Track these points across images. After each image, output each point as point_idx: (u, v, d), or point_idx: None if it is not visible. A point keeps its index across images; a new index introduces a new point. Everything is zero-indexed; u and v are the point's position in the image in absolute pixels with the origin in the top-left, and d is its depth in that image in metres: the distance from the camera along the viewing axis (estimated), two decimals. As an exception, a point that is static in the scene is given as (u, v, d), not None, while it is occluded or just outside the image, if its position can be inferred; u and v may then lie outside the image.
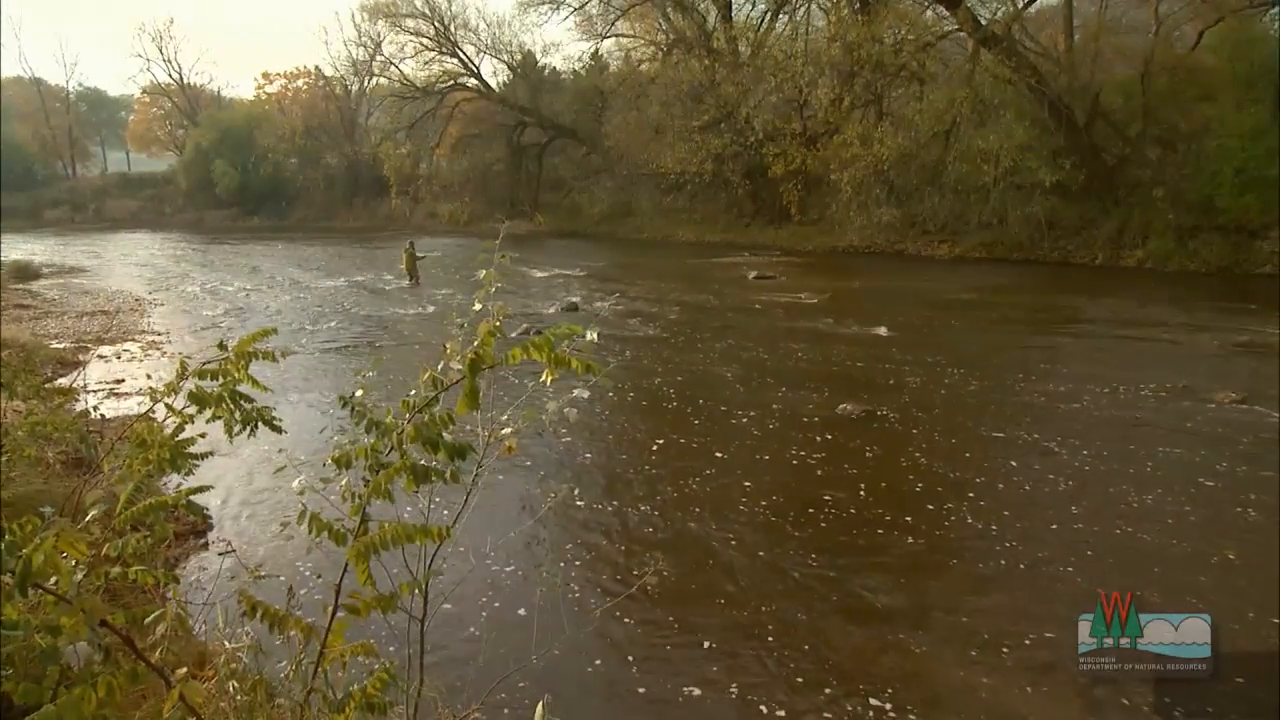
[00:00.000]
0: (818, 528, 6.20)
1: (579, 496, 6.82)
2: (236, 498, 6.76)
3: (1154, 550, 5.68)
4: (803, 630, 4.75)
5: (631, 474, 7.42)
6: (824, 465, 7.51)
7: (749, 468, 7.50)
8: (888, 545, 5.89)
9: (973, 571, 5.51)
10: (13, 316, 16.31)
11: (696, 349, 12.65)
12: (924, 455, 7.72)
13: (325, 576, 4.36)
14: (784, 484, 7.08)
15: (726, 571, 5.49)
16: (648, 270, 23.60)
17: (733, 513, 6.48)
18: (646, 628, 4.76)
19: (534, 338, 1.97)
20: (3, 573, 1.51)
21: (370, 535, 1.86)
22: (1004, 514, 6.40)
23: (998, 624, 4.74)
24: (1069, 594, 4.99)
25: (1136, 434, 8.18)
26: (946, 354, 11.97)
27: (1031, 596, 5.11)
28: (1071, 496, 6.70)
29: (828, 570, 5.48)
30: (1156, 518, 6.23)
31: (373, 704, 1.87)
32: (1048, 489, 6.90)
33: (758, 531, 6.12)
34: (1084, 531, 6.01)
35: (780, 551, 5.78)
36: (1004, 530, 6.11)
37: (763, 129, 30.20)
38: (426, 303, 17.87)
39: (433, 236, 34.27)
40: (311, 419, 9.04)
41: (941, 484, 7.06)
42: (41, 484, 5.04)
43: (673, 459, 7.74)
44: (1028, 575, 5.40)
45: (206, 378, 2.74)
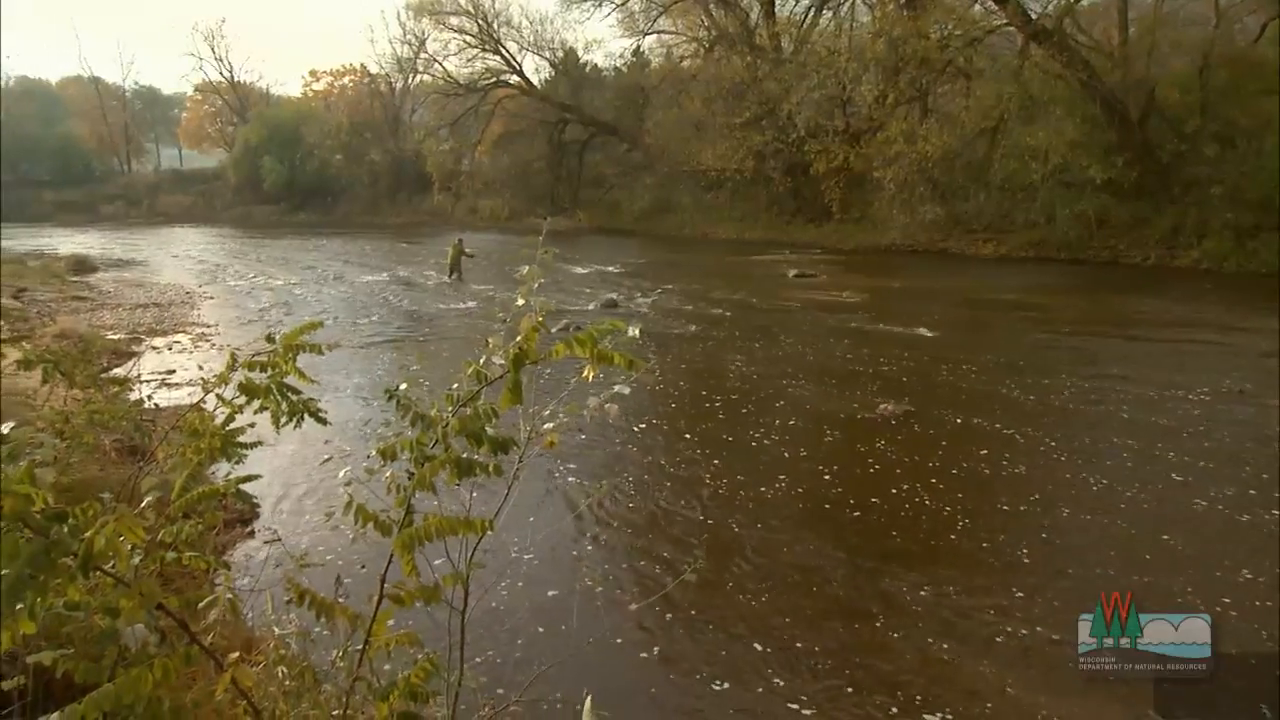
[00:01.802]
0: (857, 529, 6.14)
1: (618, 492, 6.83)
2: (280, 487, 6.90)
3: (1206, 559, 5.52)
4: (839, 632, 4.70)
5: (670, 471, 7.41)
6: (863, 465, 7.43)
7: (788, 467, 7.45)
8: (928, 548, 5.81)
9: (1013, 578, 5.41)
10: (71, 308, 16.84)
11: (735, 347, 12.60)
12: (965, 456, 7.60)
13: (369, 567, 4.46)
14: (823, 484, 7.02)
15: (764, 571, 5.46)
16: (687, 267, 23.56)
17: (770, 512, 6.45)
18: (685, 625, 4.76)
19: (577, 333, 1.99)
20: (65, 555, 1.56)
21: (415, 527, 1.89)
22: (1047, 519, 6.27)
23: (1041, 631, 4.65)
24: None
25: (1187, 439, 7.95)
26: (990, 354, 11.76)
27: (1074, 602, 5.00)
28: (1116, 501, 6.54)
29: (866, 572, 5.42)
30: (1209, 525, 6.06)
31: (416, 693, 1.90)
32: (1093, 493, 6.74)
33: (796, 531, 6.08)
34: (1130, 538, 5.86)
35: (819, 552, 5.74)
36: (1048, 536, 5.99)
37: (805, 126, 29.94)
38: (467, 298, 18.05)
39: (473, 232, 34.53)
40: (354, 411, 9.19)
41: (982, 486, 6.94)
42: (98, 470, 5.21)
43: (711, 457, 7.72)
44: (1072, 581, 5.29)
45: (255, 369, 2.81)
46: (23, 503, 1.55)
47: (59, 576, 1.58)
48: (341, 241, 33.77)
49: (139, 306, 17.57)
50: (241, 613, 1.85)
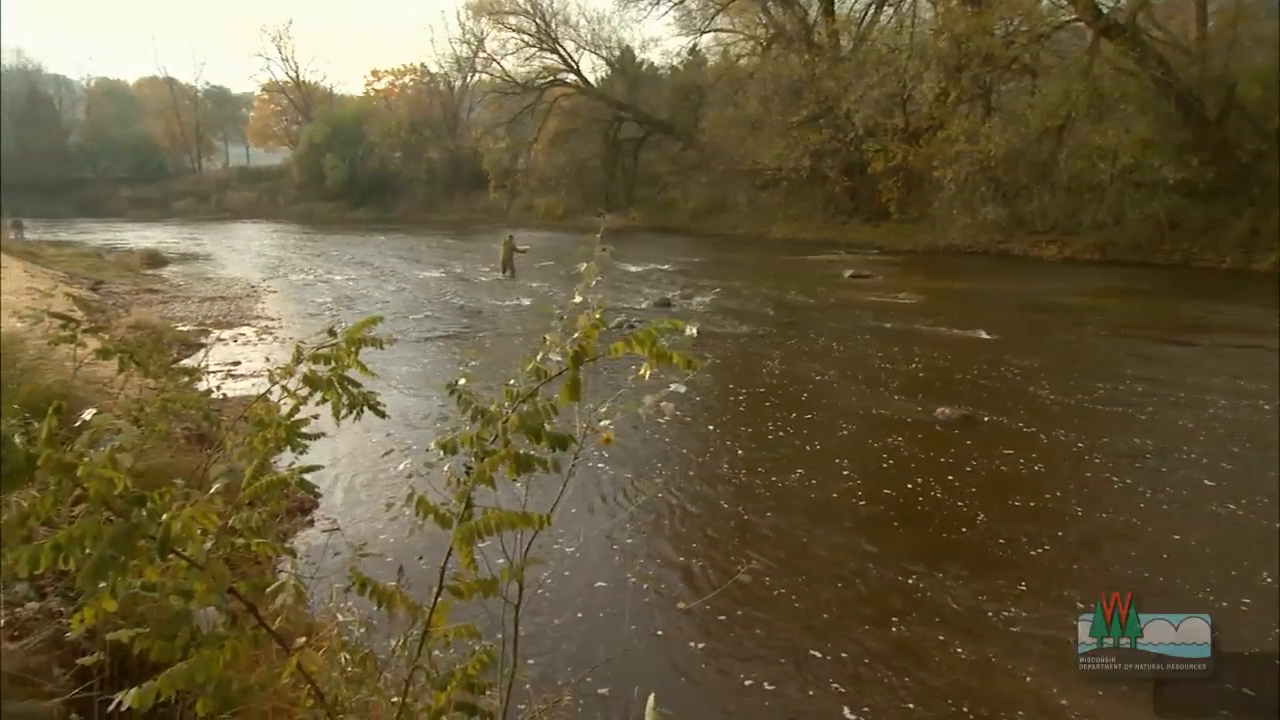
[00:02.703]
0: (911, 533, 6.04)
1: (671, 490, 6.83)
2: (339, 478, 7.07)
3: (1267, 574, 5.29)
4: (892, 638, 4.63)
5: (724, 471, 7.38)
6: (918, 470, 7.30)
7: (841, 469, 7.36)
8: (985, 554, 5.68)
9: (1072, 590, 5.25)
10: (144, 301, 17.52)
11: (789, 348, 12.49)
12: (1022, 463, 7.41)
13: (426, 558, 4.53)
14: (877, 487, 6.92)
15: (817, 573, 5.40)
16: (741, 267, 23.43)
17: (824, 514, 6.38)
18: (735, 625, 4.74)
19: (636, 331, 1.99)
20: (145, 537, 1.62)
21: (475, 520, 1.92)
22: (1110, 531, 6.08)
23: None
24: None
25: (1254, 450, 7.63)
26: (1051, 359, 11.45)
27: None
28: (1177, 514, 6.31)
29: (919, 577, 5.32)
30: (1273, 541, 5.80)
31: (473, 684, 1.93)
32: (1153, 504, 6.51)
33: (850, 534, 6.01)
34: (1189, 551, 5.64)
35: (873, 556, 5.65)
36: (1110, 548, 5.81)
37: (863, 124, 29.51)
38: (521, 295, 18.23)
39: (528, 230, 34.93)
40: (410, 405, 9.37)
41: (1040, 494, 6.75)
42: (169, 457, 5.40)
43: (765, 458, 7.66)
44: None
45: (319, 362, 2.88)
46: (106, 486, 1.62)
47: (138, 558, 1.64)
48: (399, 238, 34.43)
49: (206, 300, 18.18)
50: (306, 599, 1.90)
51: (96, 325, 10.43)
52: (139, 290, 19.21)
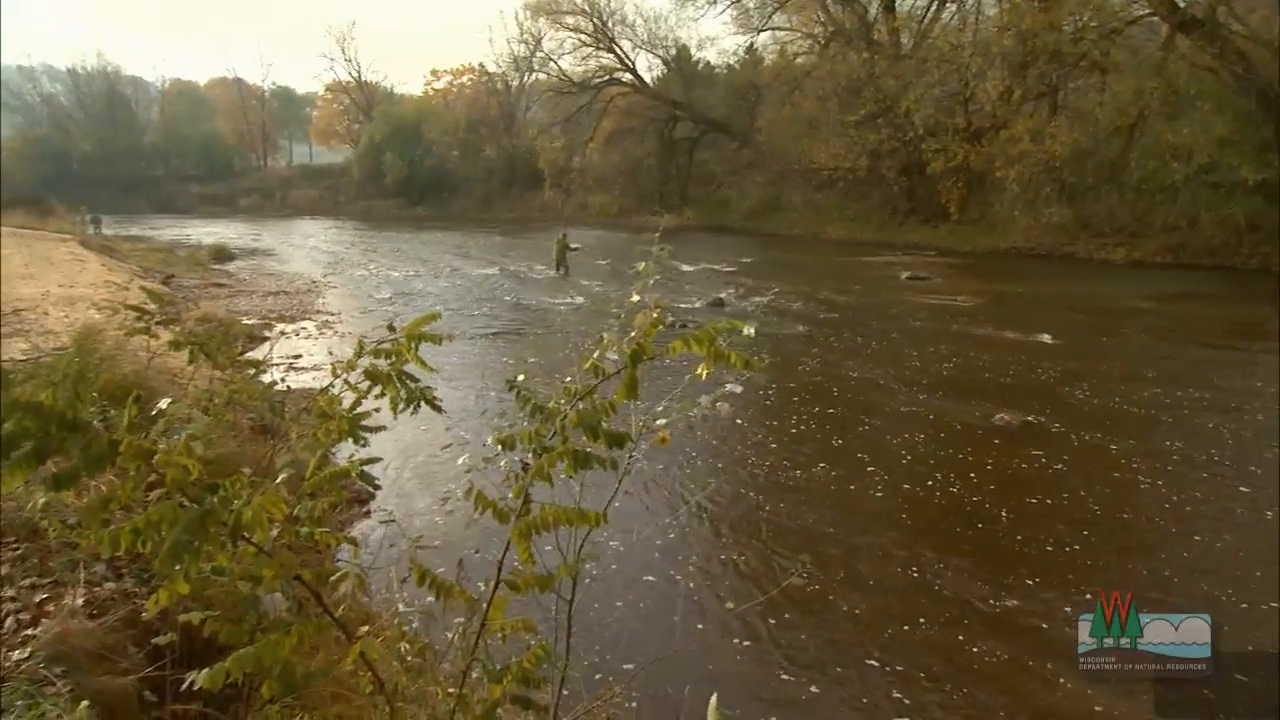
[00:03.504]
0: (969, 541, 5.90)
1: (723, 491, 6.80)
2: (395, 470, 7.20)
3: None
4: (946, 649, 4.54)
5: (778, 473, 7.31)
6: (976, 476, 7.13)
7: (897, 474, 7.23)
8: (1042, 565, 5.52)
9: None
10: (211, 294, 18.10)
11: (844, 350, 12.33)
12: (1086, 473, 7.18)
13: (482, 551, 4.60)
14: (934, 493, 6.79)
15: (870, 580, 5.32)
16: (796, 267, 23.21)
17: (880, 520, 6.28)
18: (787, 629, 4.70)
19: (695, 331, 1.98)
20: (217, 524, 1.68)
21: (532, 516, 1.94)
22: (1179, 544, 5.86)
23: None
24: (1240, 633, 4.51)
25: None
26: (1118, 365, 11.08)
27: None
28: (1253, 530, 6.04)
29: (975, 587, 5.20)
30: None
31: (528, 678, 1.95)
32: (1226, 519, 6.25)
33: (906, 541, 5.90)
34: (1258, 566, 5.40)
35: (927, 563, 5.54)
36: (1166, 557, 5.60)
37: (923, 124, 29.01)
38: (574, 293, 18.34)
39: (582, 229, 35.11)
40: (465, 400, 9.50)
41: (1105, 505, 6.53)
42: (235, 446, 5.57)
43: (819, 461, 7.58)
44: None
45: (380, 357, 2.95)
46: (182, 474, 1.68)
47: (210, 543, 1.70)
48: (456, 235, 34.95)
49: (270, 294, 18.69)
50: (367, 588, 1.94)
51: (169, 318, 10.81)
52: (207, 284, 19.85)
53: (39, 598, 2.97)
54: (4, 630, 2.74)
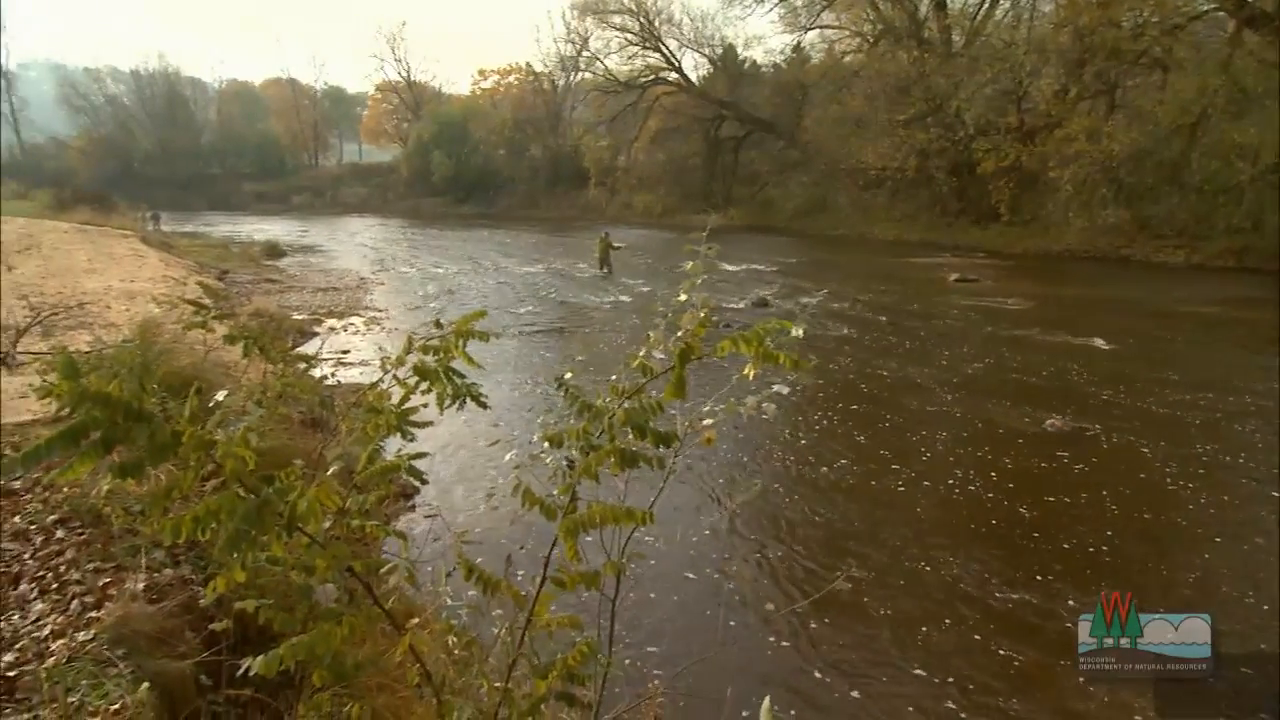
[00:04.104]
0: (1013, 547, 5.78)
1: (768, 492, 6.75)
2: (437, 466, 7.28)
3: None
4: (991, 656, 4.45)
5: (824, 476, 7.24)
6: (1025, 482, 6.98)
7: (943, 478, 7.11)
8: (1087, 574, 5.38)
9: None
10: (263, 290, 18.53)
11: (890, 352, 12.15)
12: (1138, 480, 6.98)
13: (524, 547, 4.65)
14: (980, 499, 6.66)
15: (913, 586, 5.24)
16: (842, 268, 22.96)
17: (924, 524, 6.18)
18: (831, 634, 4.65)
19: (744, 331, 1.97)
20: (274, 514, 1.72)
21: (580, 513, 1.95)
22: (1225, 555, 5.66)
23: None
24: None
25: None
26: (1175, 371, 10.73)
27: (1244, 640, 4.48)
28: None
29: (1020, 595, 5.09)
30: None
31: (573, 675, 1.96)
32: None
33: (950, 547, 5.80)
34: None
35: (973, 569, 5.44)
36: (1220, 570, 5.41)
37: (974, 123, 28.46)
38: (618, 292, 18.37)
39: (626, 227, 35.18)
40: (508, 396, 9.59)
41: (1156, 512, 6.34)
42: (287, 439, 5.70)
43: (865, 465, 7.49)
44: (1244, 623, 4.74)
45: (428, 353, 2.99)
46: (240, 465, 1.72)
47: (267, 533, 1.74)
48: (501, 233, 35.27)
49: (319, 290, 19.05)
50: (417, 581, 1.97)
51: (224, 312, 11.10)
52: (259, 280, 20.32)
53: (102, 581, 3.07)
54: (70, 612, 2.85)
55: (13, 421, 5.73)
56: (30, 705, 2.29)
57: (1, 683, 2.37)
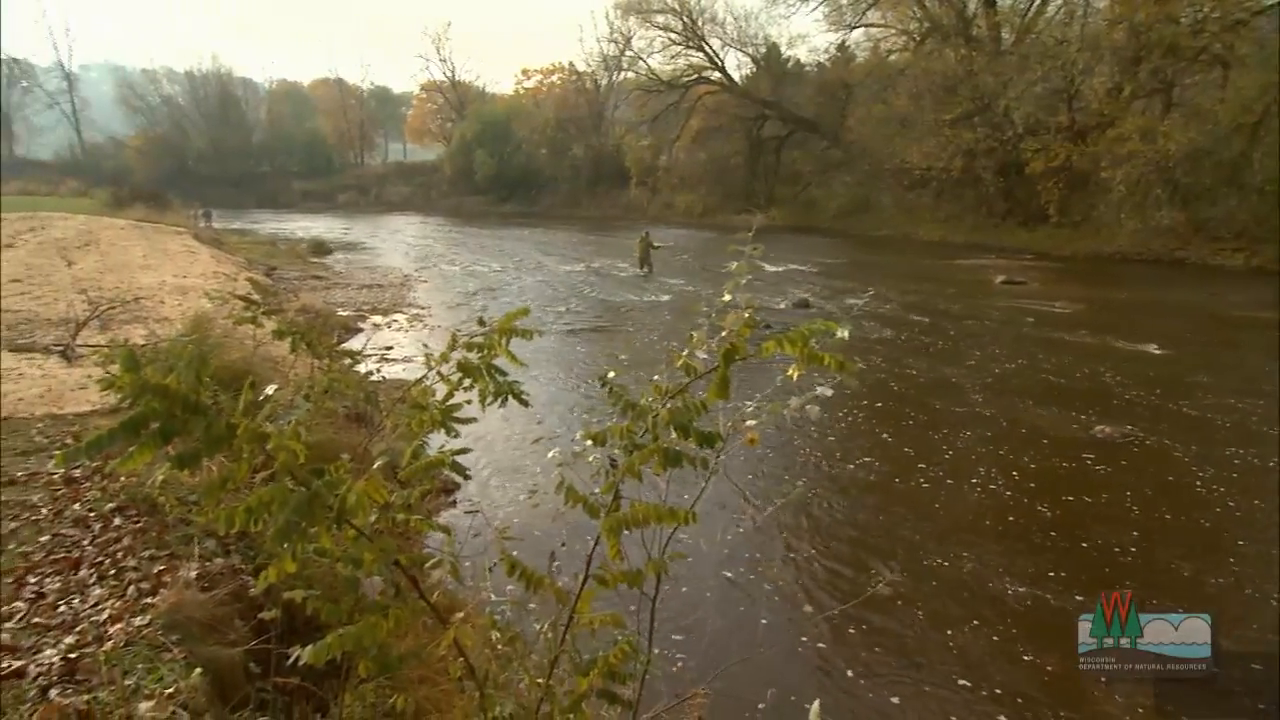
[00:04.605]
0: (1059, 557, 5.65)
1: (809, 494, 6.70)
2: (477, 463, 7.34)
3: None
4: (1032, 668, 4.35)
5: (865, 480, 7.16)
6: (1071, 490, 6.82)
7: (987, 484, 6.98)
8: (1143, 588, 5.24)
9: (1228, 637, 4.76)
10: (310, 286, 18.89)
11: (933, 354, 11.97)
12: (1191, 491, 6.77)
13: (565, 544, 4.67)
14: (1026, 506, 6.52)
15: (955, 592, 5.16)
16: (885, 269, 22.68)
17: (967, 530, 6.07)
18: (871, 638, 4.59)
19: (789, 332, 1.96)
20: (324, 507, 1.75)
21: (623, 512, 1.95)
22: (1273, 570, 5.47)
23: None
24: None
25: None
26: (1232, 379, 10.40)
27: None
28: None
29: (1063, 603, 4.98)
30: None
31: (615, 673, 1.96)
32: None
33: (994, 555, 5.69)
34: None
35: (1018, 578, 5.33)
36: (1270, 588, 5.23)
37: (1023, 122, 27.90)
38: (658, 291, 18.38)
39: (667, 227, 35.17)
40: (549, 394, 9.64)
41: (1209, 526, 6.15)
42: (332, 433, 5.81)
43: (905, 467, 7.39)
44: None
45: (471, 350, 3.02)
46: (291, 457, 1.76)
47: (316, 525, 1.77)
48: (542, 232, 35.50)
49: (364, 287, 19.36)
50: (461, 576, 1.99)
51: (273, 308, 11.36)
52: (306, 276, 20.72)
53: (157, 569, 3.17)
54: (127, 597, 2.94)
55: (73, 411, 5.93)
56: (90, 687, 2.37)
57: (63, 664, 2.46)
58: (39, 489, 4.21)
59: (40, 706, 2.25)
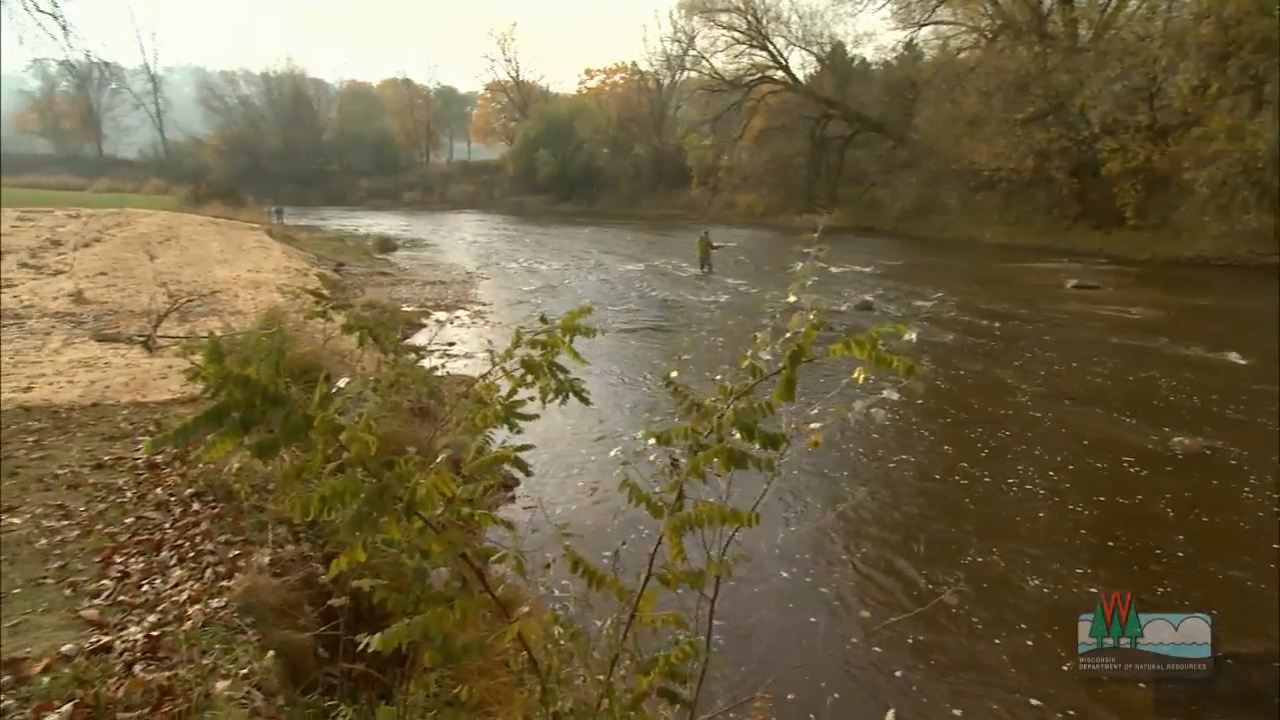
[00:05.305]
0: (1127, 572, 5.44)
1: (872, 500, 6.59)
2: (536, 459, 7.42)
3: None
4: (1103, 697, 4.20)
5: (929, 486, 7.01)
6: (1145, 504, 6.55)
7: (1055, 495, 6.76)
8: (1226, 615, 5.00)
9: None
10: (375, 282, 19.36)
11: (1000, 359, 11.65)
12: (1274, 507, 6.45)
13: (626, 542, 4.67)
14: (1096, 519, 6.30)
15: (1021, 606, 5.01)
16: (950, 272, 22.16)
17: (1034, 543, 5.89)
18: (933, 650, 4.49)
19: (856, 335, 1.93)
20: (394, 498, 1.79)
21: (686, 512, 1.95)
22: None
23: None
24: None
25: None
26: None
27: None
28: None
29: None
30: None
31: (675, 673, 1.96)
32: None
33: (1062, 569, 5.50)
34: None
35: (1084, 593, 5.16)
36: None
37: (1099, 121, 26.93)
38: (718, 291, 18.30)
39: (728, 227, 34.99)
40: (608, 392, 9.69)
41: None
42: (397, 426, 5.94)
43: (970, 475, 7.21)
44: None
45: (535, 347, 3.06)
46: (364, 449, 1.80)
47: (387, 515, 1.82)
48: (602, 231, 35.69)
49: (427, 283, 19.74)
50: (525, 570, 2.01)
51: (341, 303, 11.67)
52: (372, 273, 21.24)
53: (232, 553, 3.29)
54: (204, 580, 3.06)
55: (155, 399, 6.19)
56: (171, 664, 2.47)
57: (146, 641, 2.57)
58: (124, 473, 4.41)
59: (126, 681, 2.35)
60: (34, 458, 4.67)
